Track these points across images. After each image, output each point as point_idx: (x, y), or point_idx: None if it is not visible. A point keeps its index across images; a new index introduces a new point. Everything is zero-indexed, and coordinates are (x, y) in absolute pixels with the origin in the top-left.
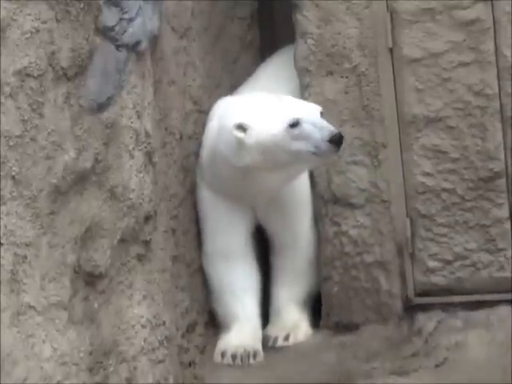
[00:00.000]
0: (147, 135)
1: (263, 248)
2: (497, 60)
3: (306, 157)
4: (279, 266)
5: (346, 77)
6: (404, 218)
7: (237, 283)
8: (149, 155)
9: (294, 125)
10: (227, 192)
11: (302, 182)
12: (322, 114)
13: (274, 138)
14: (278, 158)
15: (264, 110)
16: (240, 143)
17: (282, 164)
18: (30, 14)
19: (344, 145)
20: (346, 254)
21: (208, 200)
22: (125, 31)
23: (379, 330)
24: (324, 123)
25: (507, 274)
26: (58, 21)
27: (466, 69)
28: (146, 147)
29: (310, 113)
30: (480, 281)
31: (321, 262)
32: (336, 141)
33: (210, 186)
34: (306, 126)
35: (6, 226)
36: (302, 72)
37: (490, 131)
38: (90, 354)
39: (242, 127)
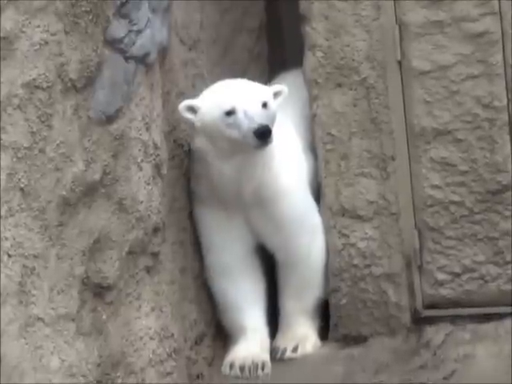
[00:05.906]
0: (156, 147)
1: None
2: (505, 72)
3: (239, 144)
4: (284, 278)
5: (355, 89)
6: (412, 231)
7: (241, 296)
8: (157, 167)
9: (230, 113)
10: (211, 195)
11: (295, 195)
12: (264, 104)
13: (212, 122)
14: (217, 142)
15: (212, 95)
16: (190, 125)
17: (224, 149)
18: (38, 26)
19: (271, 139)
20: (354, 266)
21: (202, 215)
22: (133, 43)
23: (387, 343)
24: (256, 114)
25: None
26: (66, 33)
27: (475, 81)
28: (154, 159)
29: (247, 102)
30: (488, 293)
31: (329, 274)
32: (260, 134)
33: (199, 196)
34: (239, 116)
35: (14, 238)
36: (310, 84)
37: (498, 144)
38: (98, 365)
39: (192, 109)
